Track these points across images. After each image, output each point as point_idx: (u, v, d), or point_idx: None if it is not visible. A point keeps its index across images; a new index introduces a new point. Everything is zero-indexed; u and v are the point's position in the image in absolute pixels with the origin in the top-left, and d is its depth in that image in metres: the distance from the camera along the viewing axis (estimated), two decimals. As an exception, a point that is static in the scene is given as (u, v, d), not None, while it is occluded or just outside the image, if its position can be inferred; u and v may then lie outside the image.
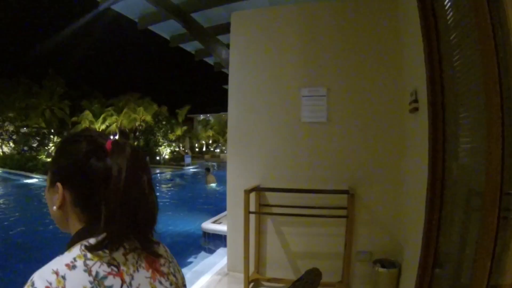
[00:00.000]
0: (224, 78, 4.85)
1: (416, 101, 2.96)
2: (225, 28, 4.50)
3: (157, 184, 18.15)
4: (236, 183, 4.07)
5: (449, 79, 2.40)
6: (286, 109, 3.97)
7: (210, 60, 7.54)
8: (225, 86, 4.86)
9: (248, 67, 4.15)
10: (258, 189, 3.92)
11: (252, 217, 3.87)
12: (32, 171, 19.84)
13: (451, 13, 2.30)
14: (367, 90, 3.74)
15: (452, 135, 2.41)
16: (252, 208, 3.82)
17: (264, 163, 4.05)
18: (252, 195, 3.82)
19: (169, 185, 18.15)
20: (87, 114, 35.71)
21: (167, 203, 12.72)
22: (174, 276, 0.87)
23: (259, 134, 4.09)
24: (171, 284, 0.84)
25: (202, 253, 6.63)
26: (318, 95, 3.84)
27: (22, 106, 29.58)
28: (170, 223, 9.31)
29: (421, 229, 2.65)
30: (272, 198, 3.98)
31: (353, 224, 3.51)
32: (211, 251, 6.23)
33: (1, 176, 21.08)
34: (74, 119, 36.37)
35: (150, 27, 5.42)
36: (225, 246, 4.91)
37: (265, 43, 4.08)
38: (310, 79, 3.91)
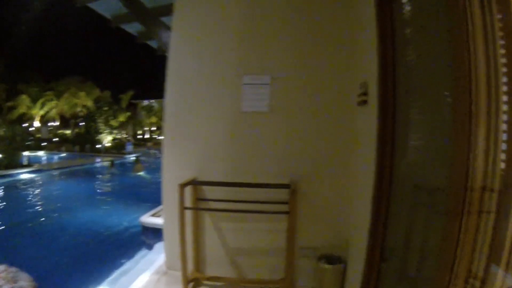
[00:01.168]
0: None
1: (365, 93, 2.88)
2: (169, 9, 4.16)
3: (95, 174, 17.20)
4: (172, 175, 3.75)
5: (401, 74, 2.33)
6: (226, 98, 3.69)
7: (153, 44, 7.15)
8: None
9: (188, 52, 3.79)
10: (194, 183, 3.63)
11: (189, 212, 3.62)
12: None
13: (409, 7, 2.22)
14: (315, 80, 3.57)
15: (401, 131, 2.35)
16: (188, 202, 3.57)
17: (201, 154, 3.75)
18: (188, 189, 3.57)
19: (107, 175, 17.13)
20: (24, 98, 32.86)
21: (105, 194, 12.00)
22: None
23: (197, 123, 3.77)
24: None
25: (143, 249, 6.25)
26: (261, 83, 3.61)
27: None
28: (108, 216, 8.77)
29: (368, 225, 2.59)
30: (210, 192, 3.72)
31: (295, 220, 3.39)
32: (151, 247, 5.88)
33: None
34: (9, 104, 33.37)
35: (90, 5, 4.96)
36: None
37: (208, 26, 3.76)
38: (253, 67, 3.65)
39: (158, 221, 6.06)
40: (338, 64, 3.51)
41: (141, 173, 16.54)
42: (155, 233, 6.09)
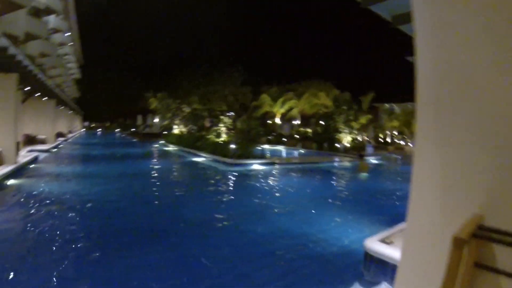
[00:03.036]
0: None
1: None
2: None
3: (328, 174, 15.79)
4: (427, 199, 1.94)
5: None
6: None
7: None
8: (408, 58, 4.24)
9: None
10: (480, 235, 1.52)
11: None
12: (200, 150, 20.14)
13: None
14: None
15: None
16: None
17: (492, 181, 1.65)
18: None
19: (341, 175, 15.26)
20: (264, 97, 36.66)
21: (334, 197, 10.08)
22: None
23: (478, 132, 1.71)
24: None
25: (359, 287, 4.09)
26: None
27: (204, 92, 32.04)
28: (327, 225, 6.84)
29: None
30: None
31: None
32: (372, 285, 3.89)
33: (176, 152, 22.92)
34: (254, 103, 38.07)
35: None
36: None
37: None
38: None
39: (389, 251, 3.60)
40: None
41: (365, 174, 15.41)
42: (383, 267, 3.88)
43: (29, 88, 15.51)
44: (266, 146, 18.99)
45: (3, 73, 11.41)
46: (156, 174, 13.62)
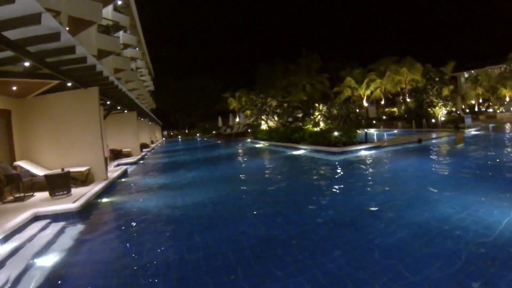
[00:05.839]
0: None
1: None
2: None
3: (432, 151, 14.44)
4: None
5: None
6: None
7: None
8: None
9: None
10: None
11: None
12: (298, 142, 19.28)
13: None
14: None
15: None
16: None
17: None
18: None
19: (455, 151, 13.96)
20: (349, 81, 35.48)
21: (461, 176, 8.89)
22: None
23: None
24: None
25: None
26: None
27: (283, 85, 31.81)
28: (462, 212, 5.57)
29: None
30: None
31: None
32: None
33: (268, 148, 21.86)
34: (335, 89, 37.16)
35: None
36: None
37: None
38: None
39: None
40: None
41: (461, 145, 14.47)
42: None
43: (110, 102, 15.71)
44: (358, 131, 18.03)
45: (85, 87, 11.39)
46: (263, 173, 12.35)
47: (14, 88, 9.94)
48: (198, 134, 61.52)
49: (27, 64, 7.76)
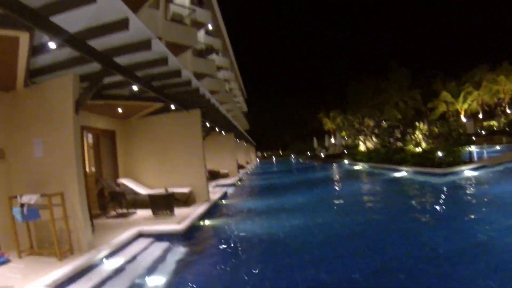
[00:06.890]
0: None
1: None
2: None
3: None
4: None
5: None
6: None
7: None
8: None
9: None
10: None
11: None
12: (399, 164, 18.47)
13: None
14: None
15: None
16: None
17: None
18: None
19: None
20: (445, 95, 33.86)
21: None
22: None
23: None
24: None
25: None
26: None
27: (375, 103, 31.70)
28: None
29: None
30: None
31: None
32: None
33: (367, 170, 21.50)
34: (429, 105, 35.58)
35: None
36: None
37: None
38: None
39: None
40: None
41: None
42: None
43: (210, 124, 15.88)
44: (470, 148, 17.20)
45: (187, 109, 11.70)
46: (365, 199, 11.86)
47: (120, 110, 10.39)
48: (292, 155, 61.65)
49: (135, 88, 8.04)
